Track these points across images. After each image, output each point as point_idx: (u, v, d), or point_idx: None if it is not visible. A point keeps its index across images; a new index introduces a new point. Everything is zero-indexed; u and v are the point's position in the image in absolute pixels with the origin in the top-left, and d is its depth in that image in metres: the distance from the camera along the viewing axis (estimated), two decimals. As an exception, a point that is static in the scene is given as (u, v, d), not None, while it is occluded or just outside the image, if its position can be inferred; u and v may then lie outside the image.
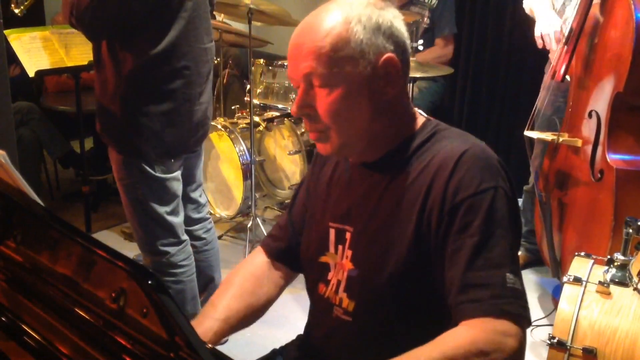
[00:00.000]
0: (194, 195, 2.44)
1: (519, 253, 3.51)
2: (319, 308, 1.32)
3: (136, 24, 1.96)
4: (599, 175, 2.30)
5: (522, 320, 1.07)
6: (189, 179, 2.34)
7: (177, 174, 2.21)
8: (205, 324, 1.27)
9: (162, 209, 2.18)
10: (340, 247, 1.26)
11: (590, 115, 2.41)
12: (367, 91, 1.16)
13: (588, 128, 2.44)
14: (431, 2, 3.79)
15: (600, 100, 2.37)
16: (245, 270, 1.41)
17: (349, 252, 1.24)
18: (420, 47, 3.37)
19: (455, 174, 1.11)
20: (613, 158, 2.26)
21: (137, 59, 1.99)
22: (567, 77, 2.67)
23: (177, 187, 2.22)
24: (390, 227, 1.18)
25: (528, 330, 3.04)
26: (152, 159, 2.11)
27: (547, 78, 2.70)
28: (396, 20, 1.18)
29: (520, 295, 1.08)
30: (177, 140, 2.13)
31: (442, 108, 4.03)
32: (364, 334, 1.23)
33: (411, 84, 3.23)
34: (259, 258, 1.44)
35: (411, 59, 3.26)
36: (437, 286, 1.13)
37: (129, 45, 1.99)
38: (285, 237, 1.43)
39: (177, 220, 2.26)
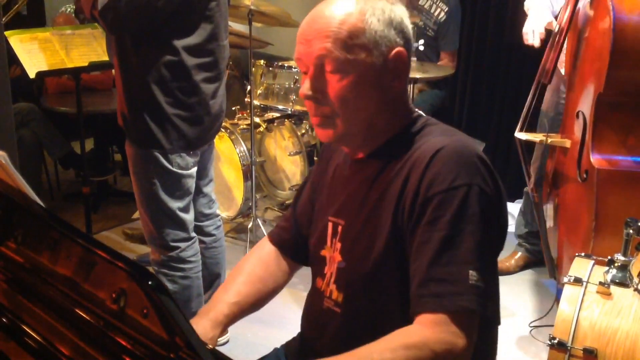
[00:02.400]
0: (206, 190, 2.49)
1: (519, 254, 3.53)
2: (313, 300, 1.36)
3: (162, 21, 2.01)
4: (585, 176, 2.33)
5: (479, 316, 1.08)
6: (201, 173, 2.38)
7: (193, 171, 2.26)
8: (219, 307, 1.32)
9: (174, 205, 2.22)
10: (334, 240, 1.29)
11: (577, 116, 2.45)
12: (376, 82, 1.18)
13: (576, 129, 2.47)
14: (439, 16, 3.81)
15: (586, 101, 2.40)
16: (254, 257, 1.45)
17: (338, 245, 1.27)
18: (421, 47, 3.38)
19: (431, 168, 1.12)
20: (596, 158, 2.28)
21: (164, 55, 2.05)
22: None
23: (191, 184, 2.27)
24: (374, 220, 1.20)
25: (527, 331, 3.03)
26: (172, 152, 2.16)
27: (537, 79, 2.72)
28: (405, 17, 1.21)
29: (481, 293, 1.07)
30: (198, 132, 2.19)
31: (442, 109, 4.04)
32: (353, 324, 1.25)
33: (412, 85, 3.23)
34: (267, 246, 1.48)
35: (411, 58, 3.30)
36: None
37: (156, 41, 2.04)
38: (289, 229, 1.46)
39: (189, 217, 2.30)
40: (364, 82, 1.17)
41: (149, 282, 0.79)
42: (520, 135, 2.69)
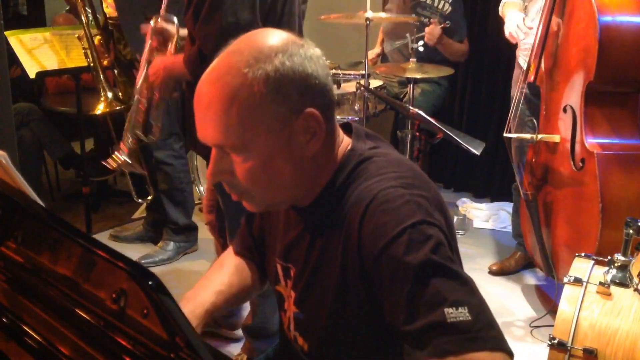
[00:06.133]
0: None
1: (518, 254, 3.51)
2: (282, 336, 1.32)
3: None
4: (581, 164, 2.39)
5: (466, 350, 0.95)
6: None
7: None
8: (201, 295, 1.26)
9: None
10: (289, 282, 1.23)
11: (565, 110, 2.51)
12: (287, 153, 1.06)
13: (564, 123, 2.53)
14: (444, 8, 3.78)
15: (573, 93, 2.47)
16: (231, 255, 1.41)
17: (292, 293, 1.22)
18: (421, 49, 3.37)
19: (365, 222, 1.04)
20: (591, 142, 2.36)
21: None
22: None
23: None
24: (322, 273, 1.14)
25: (527, 331, 3.01)
26: None
27: (519, 81, 2.80)
28: (310, 62, 1.04)
29: (463, 328, 0.95)
30: None
31: (442, 109, 4.03)
32: None
33: (412, 85, 3.22)
34: (233, 255, 1.43)
35: (411, 59, 3.28)
36: (380, 327, 1.07)
37: None
38: (250, 239, 1.40)
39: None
40: (272, 159, 1.05)
41: (149, 282, 0.79)
42: (509, 135, 2.77)
